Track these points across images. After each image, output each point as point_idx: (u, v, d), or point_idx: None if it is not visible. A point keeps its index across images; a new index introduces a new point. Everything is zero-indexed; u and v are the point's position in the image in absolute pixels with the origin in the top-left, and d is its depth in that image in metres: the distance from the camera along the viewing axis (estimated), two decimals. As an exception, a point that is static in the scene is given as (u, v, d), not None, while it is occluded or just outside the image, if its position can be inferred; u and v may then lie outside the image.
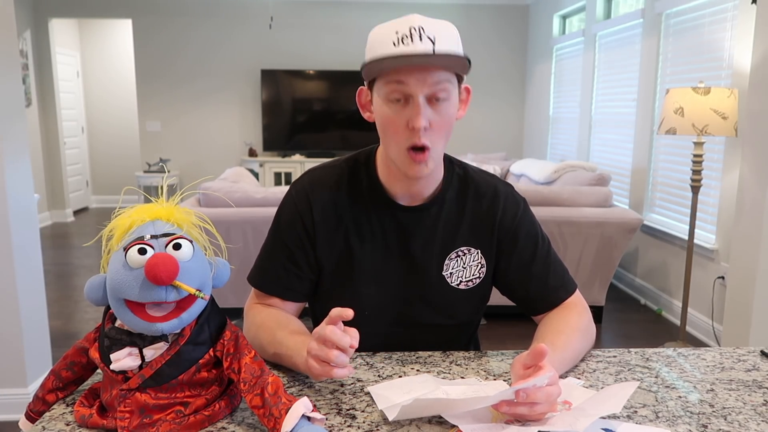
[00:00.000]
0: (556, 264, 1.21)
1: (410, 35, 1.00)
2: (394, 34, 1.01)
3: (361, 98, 1.14)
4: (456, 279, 1.19)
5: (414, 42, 0.99)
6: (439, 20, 1.04)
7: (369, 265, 1.18)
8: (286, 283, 1.18)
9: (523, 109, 7.05)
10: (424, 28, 1.00)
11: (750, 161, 2.54)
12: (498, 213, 1.19)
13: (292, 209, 1.18)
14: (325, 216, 1.16)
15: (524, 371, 0.91)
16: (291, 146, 6.85)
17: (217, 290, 0.90)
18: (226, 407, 0.89)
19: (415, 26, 1.00)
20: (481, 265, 1.20)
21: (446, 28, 1.03)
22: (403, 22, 1.02)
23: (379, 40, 1.03)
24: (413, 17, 1.02)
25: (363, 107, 1.14)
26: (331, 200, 1.16)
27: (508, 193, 1.21)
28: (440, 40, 1.01)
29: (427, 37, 1.00)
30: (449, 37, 1.03)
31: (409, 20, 1.02)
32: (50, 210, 6.79)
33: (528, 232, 1.20)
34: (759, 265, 2.48)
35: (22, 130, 2.47)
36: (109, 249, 0.86)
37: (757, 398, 1.00)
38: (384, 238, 1.17)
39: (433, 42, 1.00)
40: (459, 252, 1.19)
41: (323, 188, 1.17)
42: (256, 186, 3.80)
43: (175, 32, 6.68)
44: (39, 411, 0.93)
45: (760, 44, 2.49)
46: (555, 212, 3.44)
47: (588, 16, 5.20)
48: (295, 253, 1.16)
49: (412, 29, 1.00)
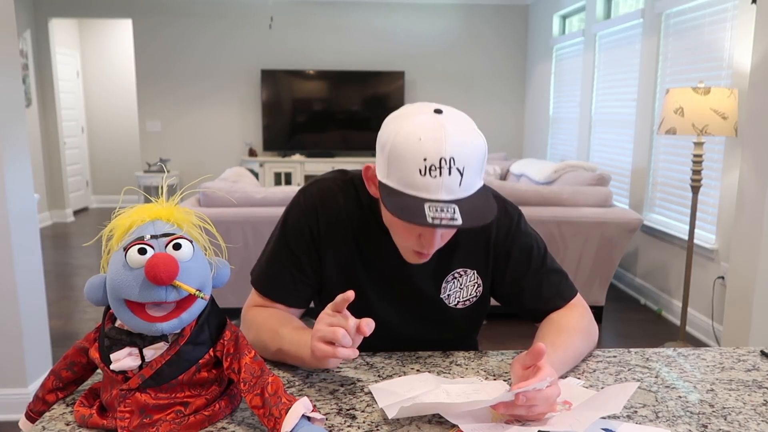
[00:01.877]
0: (551, 273, 1.21)
1: (439, 167, 0.93)
2: (422, 161, 0.93)
3: (368, 173, 1.08)
4: (454, 300, 1.21)
5: (442, 176, 0.93)
6: (468, 133, 0.97)
7: (368, 286, 1.19)
8: (292, 289, 1.18)
9: (523, 109, 7.05)
10: (455, 159, 0.93)
11: (750, 161, 2.54)
12: (492, 232, 1.19)
13: (299, 216, 1.17)
14: (331, 228, 1.16)
15: (523, 371, 0.91)
16: (291, 146, 6.85)
17: (217, 290, 0.90)
18: (226, 407, 0.89)
19: (446, 157, 0.93)
20: (478, 284, 1.21)
21: (476, 151, 0.96)
22: (432, 148, 0.93)
23: (404, 158, 0.95)
24: (443, 135, 0.94)
25: (369, 181, 1.09)
26: (337, 214, 1.16)
27: (501, 209, 1.20)
28: (468, 171, 0.95)
29: (457, 169, 0.94)
30: (477, 162, 0.96)
31: (439, 144, 0.93)
32: (50, 210, 6.79)
33: (522, 246, 1.20)
34: (759, 265, 2.48)
35: (22, 130, 2.47)
36: (109, 249, 0.86)
37: (757, 398, 1.00)
38: (383, 261, 1.17)
39: (461, 174, 0.94)
40: (455, 274, 1.19)
41: (331, 201, 1.17)
42: (256, 186, 3.80)
43: (175, 32, 6.67)
44: (39, 411, 0.93)
45: (760, 44, 2.49)
46: (555, 212, 3.44)
47: (588, 16, 5.20)
48: (301, 259, 1.16)
49: (442, 160, 0.93)
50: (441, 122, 0.96)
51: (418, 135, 0.94)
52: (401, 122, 0.98)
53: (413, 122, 0.96)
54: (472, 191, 0.98)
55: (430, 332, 1.23)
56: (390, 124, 1.00)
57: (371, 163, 1.07)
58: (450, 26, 6.82)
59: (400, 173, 0.95)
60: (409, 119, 0.98)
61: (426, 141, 0.94)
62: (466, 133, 0.96)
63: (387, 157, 0.97)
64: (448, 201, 0.95)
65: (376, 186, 1.05)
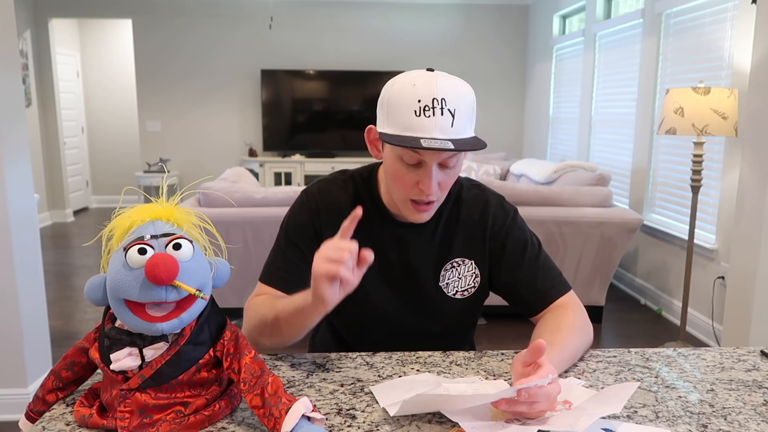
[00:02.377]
0: (546, 268, 1.25)
1: (432, 107, 1.03)
2: (416, 102, 1.04)
3: (370, 135, 1.19)
4: (452, 289, 1.25)
5: (435, 115, 1.03)
6: (457, 82, 1.08)
7: (370, 278, 1.19)
8: (297, 280, 1.20)
9: (523, 109, 7.05)
10: (446, 100, 1.04)
11: (750, 161, 2.54)
12: (488, 224, 1.25)
13: (303, 212, 1.24)
14: (332, 221, 1.19)
15: (524, 369, 0.92)
16: (291, 146, 6.85)
17: (217, 290, 0.90)
18: (226, 407, 0.90)
19: (437, 97, 1.04)
20: (476, 275, 1.26)
21: (464, 96, 1.07)
22: (425, 90, 1.04)
23: (399, 104, 1.06)
24: (434, 81, 1.05)
25: (371, 144, 1.19)
26: (338, 212, 1.20)
27: (498, 204, 1.27)
28: (459, 114, 1.05)
29: (448, 110, 1.04)
30: (466, 108, 1.07)
31: (431, 87, 1.04)
32: (50, 210, 6.79)
33: (516, 238, 1.25)
34: (759, 265, 2.48)
35: (22, 130, 2.47)
36: (109, 249, 0.86)
37: (757, 398, 1.00)
38: (384, 252, 1.21)
39: (452, 115, 1.04)
40: (454, 263, 1.25)
41: (331, 199, 1.24)
42: (256, 186, 3.80)
43: (175, 32, 6.67)
44: (39, 411, 0.93)
45: (760, 44, 2.49)
46: (555, 212, 3.44)
47: (588, 16, 5.20)
48: (305, 252, 1.20)
49: (434, 101, 1.04)
50: (433, 74, 1.08)
51: (412, 82, 1.06)
52: (397, 78, 1.11)
53: (407, 75, 1.09)
54: (464, 136, 1.07)
55: (428, 324, 1.26)
56: (387, 84, 1.12)
57: (372, 125, 1.17)
58: (450, 26, 6.82)
59: (397, 117, 1.06)
60: (403, 75, 1.11)
61: (419, 85, 1.05)
62: (455, 82, 1.08)
63: (386, 108, 1.08)
64: (442, 139, 1.04)
65: (377, 148, 1.17)
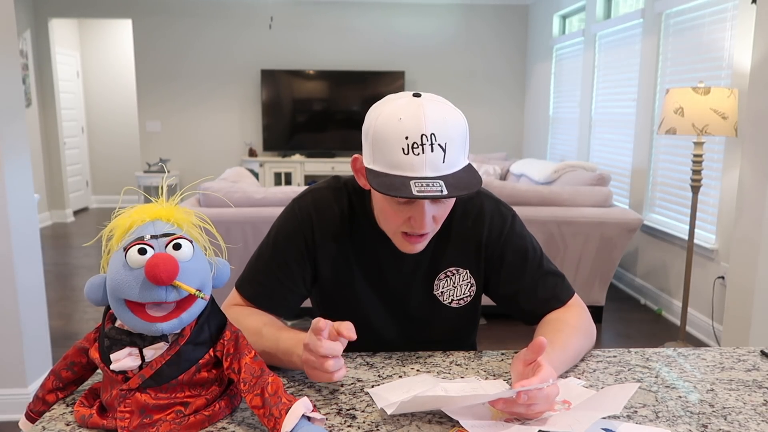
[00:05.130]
0: (548, 276, 1.20)
1: (421, 144, 0.94)
2: (404, 139, 0.95)
3: (356, 164, 1.08)
4: (448, 297, 1.21)
5: (425, 152, 0.94)
6: (446, 109, 0.98)
7: (365, 289, 1.19)
8: (280, 299, 1.17)
9: (523, 109, 7.05)
10: (435, 135, 0.95)
11: (750, 161, 2.54)
12: (483, 233, 1.18)
13: (294, 224, 1.17)
14: (326, 237, 1.16)
15: (524, 368, 0.91)
16: (291, 146, 6.85)
17: (217, 290, 0.90)
18: (226, 407, 0.89)
19: (426, 133, 0.94)
20: (471, 284, 1.21)
21: (455, 125, 0.98)
22: (412, 125, 0.95)
23: (386, 139, 0.96)
24: (422, 113, 0.95)
25: (358, 172, 1.09)
26: (332, 223, 1.16)
27: (494, 210, 1.20)
28: (451, 147, 0.96)
29: (439, 145, 0.95)
30: (458, 137, 0.98)
31: (418, 121, 0.95)
32: (50, 210, 6.78)
33: (516, 247, 1.19)
34: (759, 265, 2.48)
35: (22, 130, 2.47)
36: (109, 249, 0.86)
37: (757, 398, 1.00)
38: (378, 263, 1.18)
39: (444, 150, 0.95)
40: (448, 272, 1.20)
41: (326, 210, 1.17)
42: (256, 186, 3.80)
43: (175, 32, 6.67)
44: (39, 411, 0.93)
45: (760, 44, 2.49)
46: (555, 212, 3.44)
47: (588, 16, 5.20)
48: (292, 268, 1.16)
49: (423, 137, 0.94)
50: (419, 103, 0.98)
51: (398, 115, 0.96)
52: (381, 107, 1.00)
53: (392, 105, 0.99)
54: (457, 168, 0.99)
55: (426, 334, 1.23)
56: (371, 112, 1.02)
57: (359, 155, 1.08)
58: (450, 26, 6.82)
59: (385, 155, 0.97)
60: (388, 104, 1.00)
61: (406, 119, 0.96)
62: (444, 111, 0.98)
63: (371, 142, 0.99)
64: (434, 177, 0.96)
65: (365, 177, 1.05)
